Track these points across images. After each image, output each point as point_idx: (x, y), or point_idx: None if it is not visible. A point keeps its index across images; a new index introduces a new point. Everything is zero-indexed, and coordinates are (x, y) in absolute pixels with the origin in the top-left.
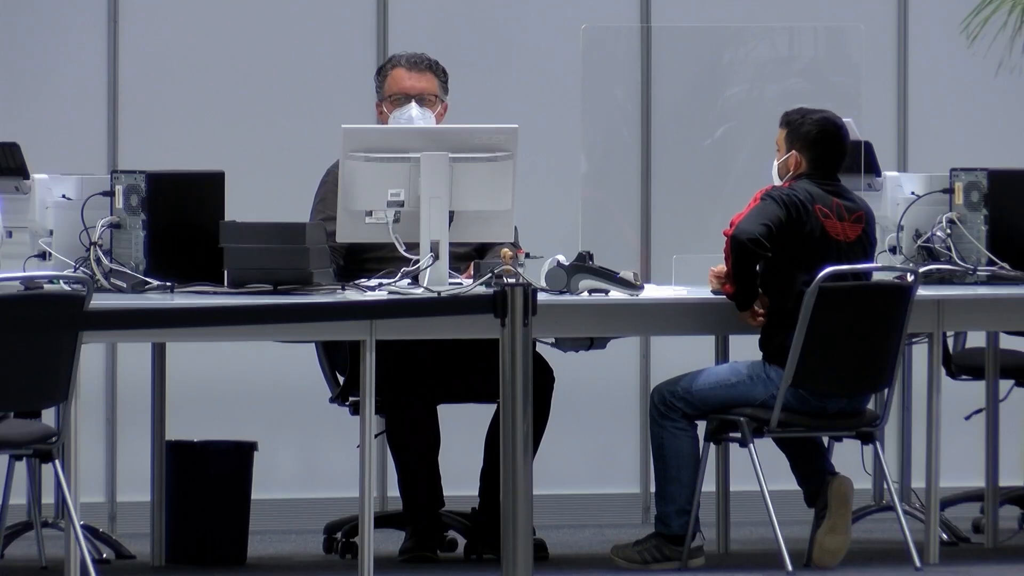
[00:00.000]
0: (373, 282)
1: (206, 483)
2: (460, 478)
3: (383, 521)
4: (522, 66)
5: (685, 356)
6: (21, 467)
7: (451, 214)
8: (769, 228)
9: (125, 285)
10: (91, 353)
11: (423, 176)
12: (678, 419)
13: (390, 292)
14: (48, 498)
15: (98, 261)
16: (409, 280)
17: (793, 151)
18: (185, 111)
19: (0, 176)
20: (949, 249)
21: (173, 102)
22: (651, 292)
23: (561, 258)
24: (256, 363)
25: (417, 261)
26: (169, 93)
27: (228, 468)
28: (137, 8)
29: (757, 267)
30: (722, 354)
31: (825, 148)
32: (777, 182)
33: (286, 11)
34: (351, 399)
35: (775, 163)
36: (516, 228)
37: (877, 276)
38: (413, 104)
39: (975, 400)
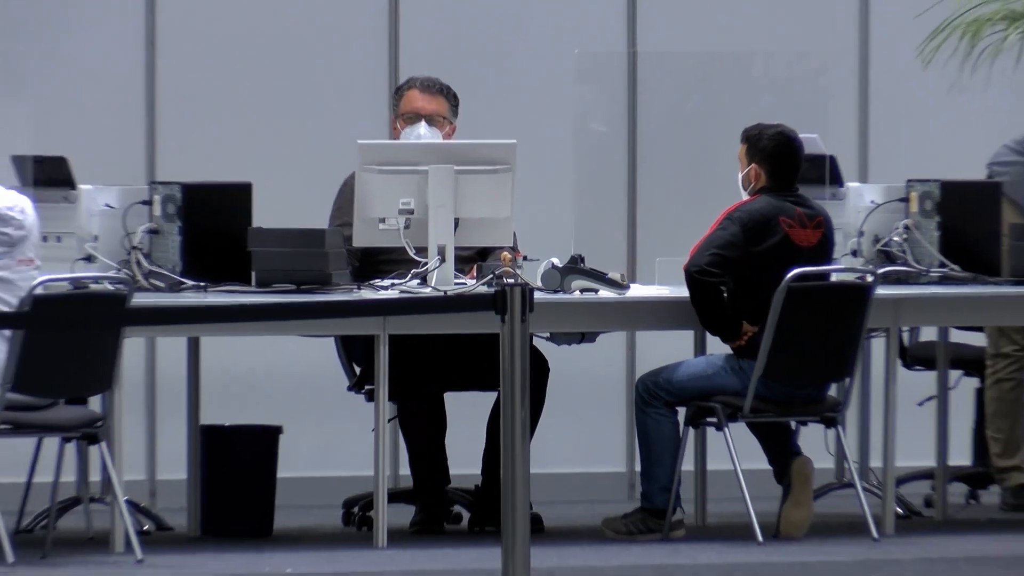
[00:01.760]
0: (386, 282)
1: (236, 463)
2: (464, 458)
3: (395, 497)
4: (522, 87)
5: (667, 349)
6: (70, 448)
7: (456, 221)
8: (718, 255)
9: (163, 285)
10: (132, 346)
11: (431, 187)
12: (660, 406)
13: (401, 291)
14: (95, 476)
15: (138, 263)
16: (418, 280)
17: (753, 164)
18: (216, 128)
19: (50, 187)
20: (905, 252)
21: (205, 119)
22: (636, 291)
23: (555, 260)
24: (281, 355)
25: (425, 263)
26: (202, 111)
27: (256, 449)
28: (172, 32)
29: (721, 290)
30: (700, 347)
31: (782, 161)
32: (743, 193)
33: (307, 41)
34: (366, 387)
35: (739, 176)
36: (515, 233)
37: (839, 277)
38: (423, 123)
39: (927, 388)
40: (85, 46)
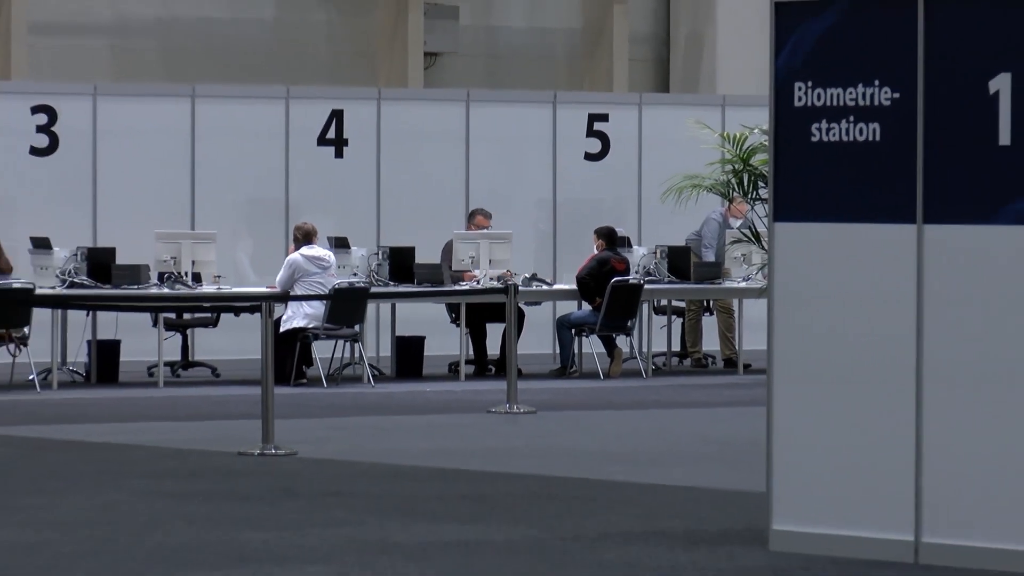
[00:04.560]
0: (464, 283)
1: (409, 350)
2: (494, 347)
3: (467, 362)
4: (513, 209)
5: (568, 307)
6: (347, 345)
7: (489, 260)
8: (590, 271)
9: (381, 283)
10: (371, 306)
11: (480, 248)
12: (565, 328)
13: (470, 286)
14: (356, 354)
15: (373, 275)
16: (476, 282)
17: (600, 240)
18: (405, 220)
19: (340, 248)
20: (656, 272)
21: (403, 218)
22: (557, 286)
23: (526, 274)
24: (423, 309)
25: (479, 276)
26: (403, 215)
27: (415, 345)
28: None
29: (591, 286)
30: (580, 306)
31: (611, 238)
32: (595, 251)
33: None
34: (456, 321)
35: (594, 245)
36: (512, 264)
37: (632, 281)
38: (488, 229)
39: (663, 320)
40: (358, 187)
